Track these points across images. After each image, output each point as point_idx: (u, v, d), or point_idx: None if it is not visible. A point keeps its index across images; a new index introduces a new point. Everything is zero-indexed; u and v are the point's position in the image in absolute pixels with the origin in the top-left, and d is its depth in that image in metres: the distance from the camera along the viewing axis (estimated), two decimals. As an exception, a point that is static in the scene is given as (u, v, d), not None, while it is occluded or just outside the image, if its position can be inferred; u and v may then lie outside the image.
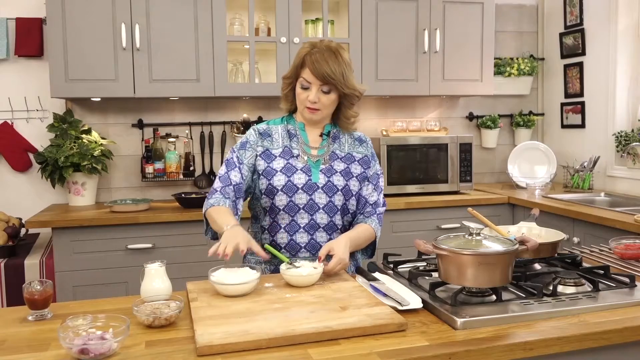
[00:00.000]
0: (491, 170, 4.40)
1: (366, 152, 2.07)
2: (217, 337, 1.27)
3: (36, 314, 1.51)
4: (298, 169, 1.93)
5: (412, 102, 4.17)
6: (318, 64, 1.86)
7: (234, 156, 1.97)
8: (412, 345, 1.28)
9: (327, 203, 1.93)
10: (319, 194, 1.92)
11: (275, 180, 1.91)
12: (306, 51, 1.90)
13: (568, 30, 4.10)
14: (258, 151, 1.96)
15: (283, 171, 1.92)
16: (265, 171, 1.93)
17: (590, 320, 1.42)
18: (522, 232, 1.93)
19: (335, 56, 1.88)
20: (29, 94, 3.54)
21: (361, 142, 2.08)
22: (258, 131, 2.00)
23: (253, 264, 1.75)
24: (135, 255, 3.10)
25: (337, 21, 3.86)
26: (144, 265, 1.61)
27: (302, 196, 1.91)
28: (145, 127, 3.70)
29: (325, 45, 1.91)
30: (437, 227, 3.54)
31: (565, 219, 3.16)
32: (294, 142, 1.98)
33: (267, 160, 1.95)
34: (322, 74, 1.85)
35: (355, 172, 1.99)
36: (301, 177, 1.92)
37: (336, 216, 1.95)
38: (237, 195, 1.93)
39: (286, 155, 1.96)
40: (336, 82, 1.88)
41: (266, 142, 1.98)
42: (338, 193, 1.94)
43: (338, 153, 2.00)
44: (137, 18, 3.26)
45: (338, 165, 1.98)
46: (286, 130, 2.00)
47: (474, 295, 1.54)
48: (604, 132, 3.84)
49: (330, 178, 1.94)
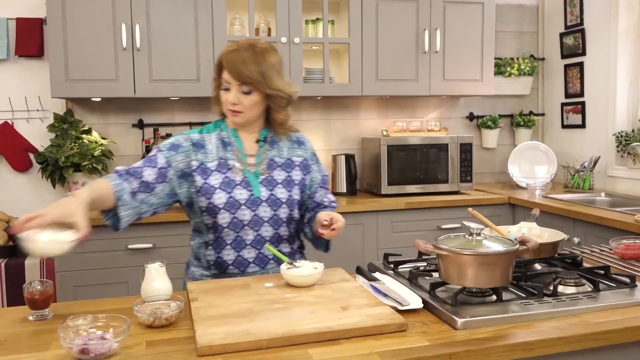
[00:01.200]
0: (491, 171, 4.40)
1: (305, 154, 1.98)
2: (217, 337, 1.27)
3: (36, 314, 1.52)
4: (237, 183, 1.83)
5: (413, 102, 4.17)
6: (234, 63, 1.76)
7: (159, 155, 1.82)
8: (412, 345, 1.28)
9: (272, 216, 1.85)
10: (263, 208, 1.83)
11: (216, 199, 1.80)
12: (224, 51, 1.81)
13: (568, 30, 4.10)
14: (193, 165, 1.82)
15: (222, 187, 1.81)
16: (203, 189, 1.81)
17: (591, 320, 1.42)
18: (523, 232, 1.93)
19: (257, 55, 1.77)
20: (29, 94, 3.54)
21: (300, 144, 1.98)
22: (191, 140, 1.86)
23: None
24: (136, 255, 3.11)
25: (338, 21, 3.86)
26: (145, 266, 1.62)
27: (245, 212, 1.81)
28: (145, 127, 3.70)
29: (248, 44, 1.80)
30: (438, 227, 3.54)
31: (566, 219, 3.16)
32: (229, 152, 1.86)
33: (204, 176, 1.82)
34: (238, 73, 1.75)
35: (296, 180, 1.91)
36: (242, 192, 1.82)
37: (281, 228, 1.88)
38: (142, 189, 1.75)
39: (222, 168, 1.84)
40: (254, 82, 1.76)
41: (200, 154, 1.84)
42: (283, 206, 1.86)
43: (277, 160, 1.90)
44: (137, 18, 3.26)
45: (278, 174, 1.88)
46: (220, 139, 1.88)
47: (474, 295, 1.54)
48: (604, 132, 3.84)
49: (273, 191, 1.85)
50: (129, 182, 1.74)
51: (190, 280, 1.91)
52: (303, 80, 3.56)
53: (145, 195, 1.76)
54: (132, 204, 1.73)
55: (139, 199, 1.75)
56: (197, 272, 1.92)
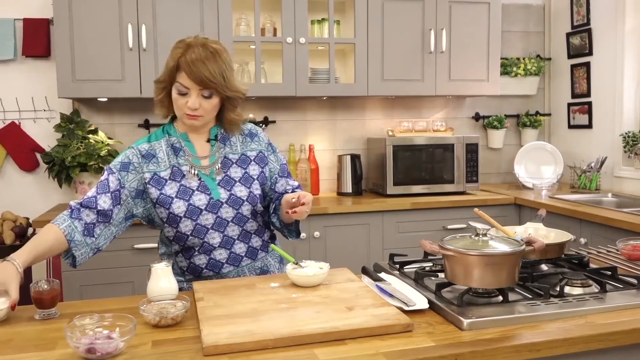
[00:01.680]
0: (497, 171, 4.39)
1: (259, 147, 1.92)
2: (223, 337, 1.27)
3: (43, 313, 1.52)
4: (194, 189, 1.78)
5: (418, 102, 4.17)
6: (195, 66, 1.68)
7: (111, 178, 1.75)
8: (418, 345, 1.28)
9: (235, 215, 1.82)
10: (224, 209, 1.80)
11: (175, 208, 1.76)
12: (180, 52, 1.71)
13: (575, 30, 4.08)
14: (146, 178, 1.77)
15: (179, 196, 1.77)
16: (159, 200, 1.77)
17: (598, 321, 1.41)
18: (529, 232, 1.92)
19: (214, 56, 1.71)
20: (36, 94, 3.56)
21: (252, 137, 1.93)
22: (140, 153, 1.80)
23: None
24: (142, 255, 3.11)
25: (343, 21, 3.86)
26: (151, 265, 1.62)
27: (207, 217, 1.78)
28: (151, 127, 3.71)
29: (200, 43, 1.73)
30: (443, 228, 3.53)
31: (572, 220, 3.15)
32: (181, 158, 1.81)
33: (158, 187, 1.77)
34: (200, 77, 1.68)
35: (254, 175, 1.87)
36: (201, 198, 1.78)
37: (247, 224, 1.86)
38: (101, 220, 1.72)
39: (176, 176, 1.79)
40: (217, 86, 1.72)
41: (152, 165, 1.79)
42: (244, 204, 1.83)
43: (231, 157, 1.86)
44: (143, 18, 3.27)
45: (235, 172, 1.84)
46: (170, 146, 1.82)
47: (480, 296, 1.53)
48: (611, 133, 3.82)
49: (232, 190, 1.81)
50: (80, 219, 1.70)
51: None
52: (309, 80, 3.56)
53: (104, 226, 1.73)
54: (85, 242, 1.71)
55: (97, 234, 1.72)
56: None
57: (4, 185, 3.57)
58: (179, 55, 1.71)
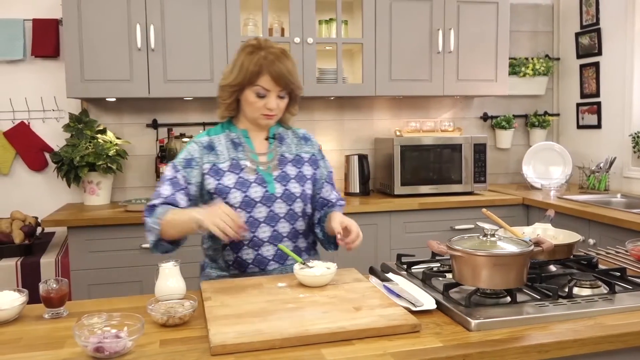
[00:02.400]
0: (506, 171, 4.37)
1: (313, 150, 2.01)
2: (230, 337, 1.27)
3: (52, 312, 1.53)
4: (251, 182, 1.84)
5: (426, 102, 4.16)
6: (281, 73, 1.79)
7: (178, 176, 1.83)
8: (425, 346, 1.28)
9: (287, 212, 1.87)
10: (278, 204, 1.86)
11: (232, 198, 1.82)
12: (261, 57, 1.79)
13: (584, 30, 4.06)
14: (205, 168, 1.85)
15: (237, 187, 1.83)
16: (217, 189, 1.83)
17: (607, 322, 1.40)
18: (537, 233, 1.91)
19: (287, 58, 1.82)
20: (45, 94, 3.58)
21: (306, 141, 2.02)
22: (202, 144, 1.88)
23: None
24: (150, 254, 3.09)
25: (351, 21, 3.86)
26: (158, 265, 1.63)
27: (261, 209, 1.84)
28: (159, 127, 3.72)
29: (280, 51, 1.82)
30: (451, 228, 3.52)
31: (581, 221, 3.13)
32: (240, 152, 1.89)
33: (217, 177, 1.84)
34: (285, 82, 1.80)
35: (307, 175, 1.94)
36: (257, 190, 1.84)
37: (297, 222, 1.91)
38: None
39: (235, 169, 1.86)
40: (295, 87, 1.85)
41: (211, 156, 1.86)
42: (297, 200, 1.89)
43: (287, 156, 1.94)
44: (151, 19, 3.28)
45: (290, 170, 1.91)
46: (230, 140, 1.90)
47: (488, 296, 1.53)
48: (620, 133, 3.80)
49: (287, 186, 1.88)
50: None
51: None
52: (316, 80, 3.56)
53: None
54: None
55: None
56: (214, 274, 1.93)
57: (13, 185, 3.59)
58: (260, 60, 1.78)
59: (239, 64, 1.82)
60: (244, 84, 1.81)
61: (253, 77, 1.79)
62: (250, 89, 1.81)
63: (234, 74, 1.82)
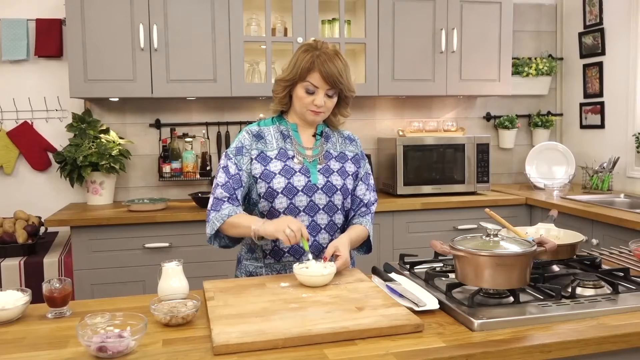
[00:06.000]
0: (509, 171, 4.37)
1: (356, 150, 2.08)
2: (233, 337, 1.27)
3: (55, 311, 1.53)
4: (296, 170, 1.92)
5: (429, 102, 4.15)
6: (332, 72, 1.85)
7: (230, 164, 1.92)
8: (428, 346, 1.27)
9: (327, 203, 1.93)
10: (318, 194, 1.92)
11: (275, 183, 1.89)
12: (314, 55, 1.88)
13: (587, 30, 4.05)
14: (253, 155, 1.93)
15: (282, 173, 1.90)
16: (263, 174, 1.90)
17: (610, 322, 1.40)
18: (540, 233, 1.91)
19: (339, 59, 1.90)
20: (48, 94, 3.59)
21: (351, 141, 2.09)
22: (251, 133, 1.97)
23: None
24: (153, 254, 3.13)
25: (354, 21, 3.85)
26: (161, 264, 1.63)
27: (302, 198, 1.90)
28: (162, 127, 3.72)
29: (334, 52, 1.91)
30: (454, 228, 3.52)
31: (584, 221, 3.12)
32: (288, 144, 1.97)
33: (264, 163, 1.92)
34: (333, 79, 1.86)
35: (350, 171, 2.01)
36: (300, 179, 1.90)
37: (336, 215, 1.96)
38: (237, 205, 1.90)
39: (282, 157, 1.93)
40: (343, 86, 1.90)
41: (260, 144, 1.95)
42: (337, 193, 1.94)
43: (332, 152, 2.01)
44: (155, 19, 3.29)
45: (334, 164, 1.98)
46: (279, 132, 1.99)
47: (491, 296, 1.53)
48: (623, 133, 3.79)
49: (329, 178, 1.94)
50: (238, 205, 1.89)
51: (244, 274, 1.99)
52: (319, 80, 3.56)
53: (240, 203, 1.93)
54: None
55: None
56: (251, 266, 1.98)
57: (17, 185, 3.60)
58: (313, 58, 1.87)
59: (294, 60, 1.91)
60: (296, 79, 1.90)
61: (304, 73, 1.87)
62: (300, 84, 1.89)
63: (288, 70, 1.92)
